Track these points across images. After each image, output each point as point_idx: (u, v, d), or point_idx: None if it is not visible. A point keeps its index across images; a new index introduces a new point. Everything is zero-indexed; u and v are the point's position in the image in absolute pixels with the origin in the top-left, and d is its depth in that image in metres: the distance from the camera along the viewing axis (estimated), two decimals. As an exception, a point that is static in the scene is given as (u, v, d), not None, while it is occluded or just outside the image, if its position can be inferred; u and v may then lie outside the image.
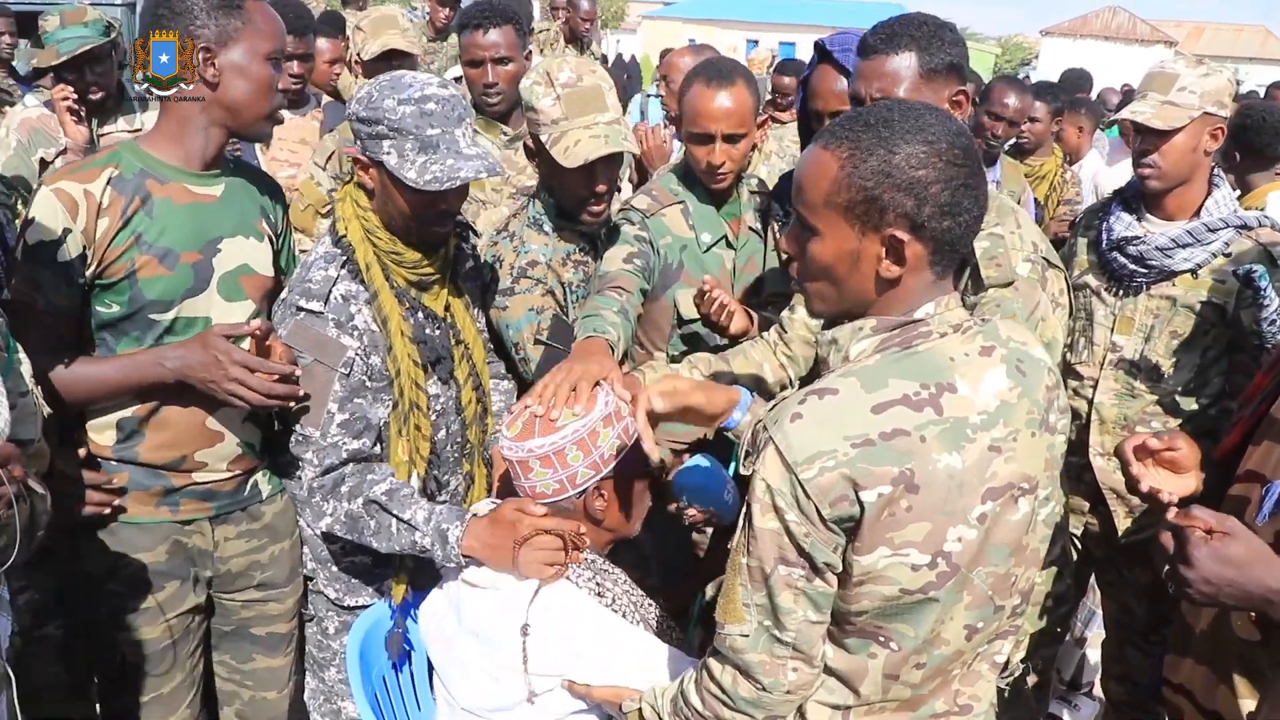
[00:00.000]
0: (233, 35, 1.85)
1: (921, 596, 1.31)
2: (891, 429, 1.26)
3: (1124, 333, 2.62)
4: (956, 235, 1.31)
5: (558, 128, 2.18)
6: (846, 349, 1.36)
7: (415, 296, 2.04)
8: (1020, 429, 1.35)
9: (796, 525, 1.27)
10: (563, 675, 1.69)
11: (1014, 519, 1.36)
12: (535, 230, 2.34)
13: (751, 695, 1.38)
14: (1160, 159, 2.50)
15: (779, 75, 5.38)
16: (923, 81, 1.88)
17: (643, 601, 1.86)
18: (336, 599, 2.14)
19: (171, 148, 1.93)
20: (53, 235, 1.82)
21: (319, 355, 1.90)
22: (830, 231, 1.34)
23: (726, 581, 1.37)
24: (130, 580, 2.00)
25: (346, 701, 2.18)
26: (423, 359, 2.02)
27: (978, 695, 1.48)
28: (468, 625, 1.79)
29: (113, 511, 1.96)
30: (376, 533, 1.88)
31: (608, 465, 1.80)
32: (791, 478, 1.26)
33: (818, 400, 1.29)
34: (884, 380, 1.29)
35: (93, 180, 1.86)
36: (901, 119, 1.30)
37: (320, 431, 1.91)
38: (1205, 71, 2.52)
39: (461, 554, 1.79)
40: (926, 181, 1.27)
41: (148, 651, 2.04)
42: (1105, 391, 2.65)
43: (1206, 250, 2.50)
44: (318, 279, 1.93)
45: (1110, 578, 2.85)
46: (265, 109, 1.93)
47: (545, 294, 2.26)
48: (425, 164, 1.84)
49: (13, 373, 1.69)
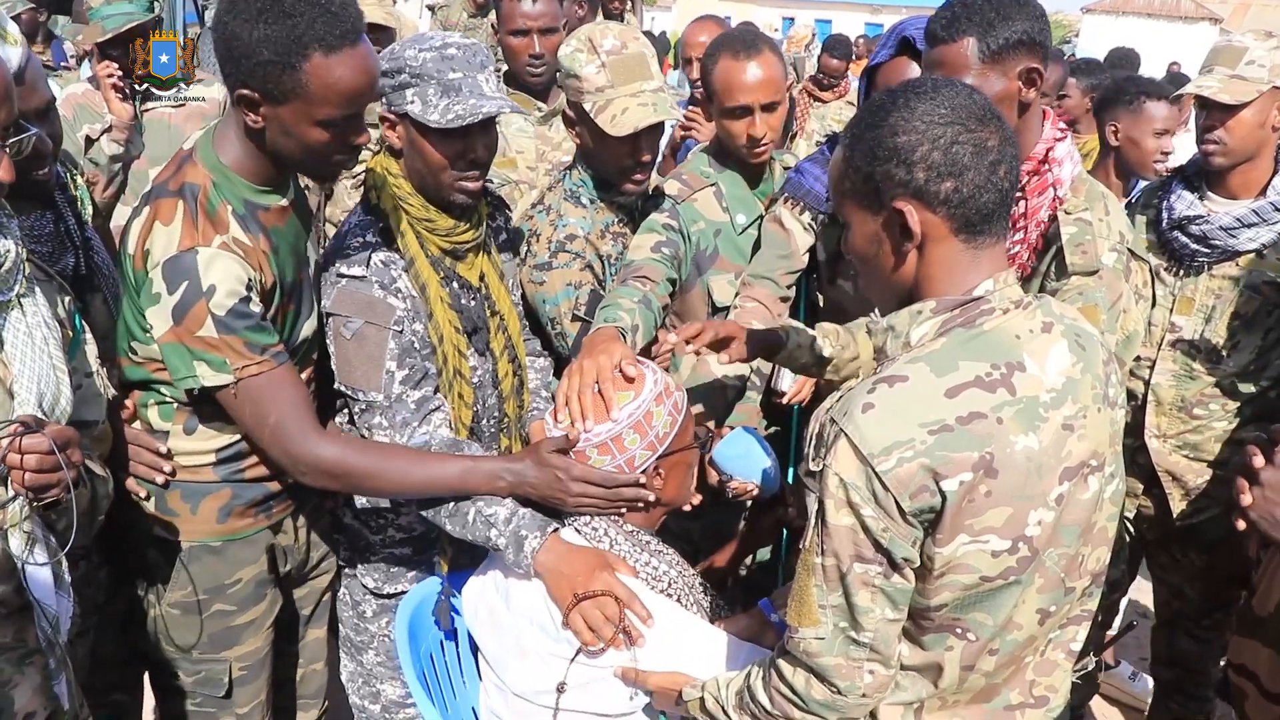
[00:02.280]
0: (279, 97, 1.66)
1: (1002, 583, 1.29)
2: (968, 413, 1.23)
3: (1184, 313, 2.57)
4: (966, 195, 1.27)
5: (603, 95, 2.15)
6: (907, 334, 1.33)
7: (450, 265, 2.00)
8: (1088, 405, 1.33)
9: (873, 520, 1.24)
10: (615, 664, 1.67)
11: (1084, 498, 1.33)
12: (573, 203, 2.30)
13: (826, 699, 1.35)
14: (1226, 135, 2.44)
15: (828, 57, 5.34)
16: (986, 66, 1.84)
17: (694, 583, 1.85)
18: (375, 587, 2.12)
19: (249, 171, 1.78)
20: (240, 293, 1.70)
21: (369, 317, 1.86)
22: (853, 220, 1.36)
23: (798, 583, 1.34)
24: (237, 598, 1.95)
25: (385, 684, 2.18)
26: (462, 326, 2.00)
27: (1054, 686, 1.44)
28: (520, 612, 1.78)
29: (166, 481, 1.86)
30: (453, 515, 1.84)
31: (664, 444, 1.78)
32: (868, 470, 1.23)
33: (888, 388, 1.25)
34: (954, 363, 1.26)
35: (229, 229, 1.72)
36: (895, 95, 1.31)
37: (383, 393, 1.86)
38: (1275, 44, 2.44)
39: (534, 567, 1.75)
40: (910, 146, 1.26)
41: (249, 664, 2.00)
42: (1163, 373, 2.60)
43: (1273, 230, 2.43)
44: (356, 245, 1.90)
45: (1164, 561, 2.81)
46: (316, 168, 1.81)
47: (584, 268, 2.23)
48: (448, 105, 1.82)
49: (79, 353, 1.69)
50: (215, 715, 1.99)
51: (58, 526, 1.51)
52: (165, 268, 1.68)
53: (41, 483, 1.42)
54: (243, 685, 1.98)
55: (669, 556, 1.84)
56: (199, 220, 1.70)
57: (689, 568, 1.88)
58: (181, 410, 1.84)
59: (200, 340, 1.69)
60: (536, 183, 2.94)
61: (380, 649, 2.17)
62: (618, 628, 1.66)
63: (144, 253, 1.71)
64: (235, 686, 1.97)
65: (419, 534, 2.09)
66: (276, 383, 1.74)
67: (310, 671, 2.24)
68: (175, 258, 1.68)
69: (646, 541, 1.82)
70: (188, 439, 1.86)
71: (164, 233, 1.70)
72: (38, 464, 1.40)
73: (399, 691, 2.16)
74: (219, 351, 1.69)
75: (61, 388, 1.58)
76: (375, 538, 2.11)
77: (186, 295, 1.67)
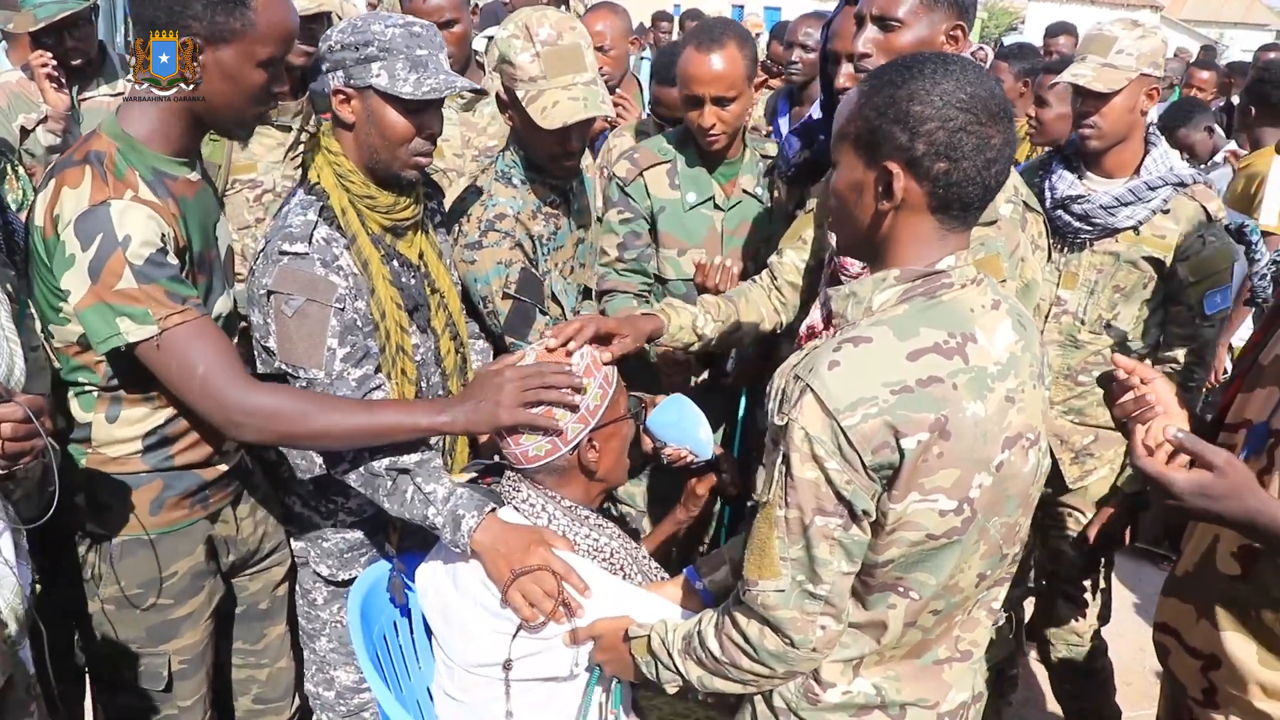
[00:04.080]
0: (227, 36, 1.69)
1: (945, 542, 1.35)
2: (927, 376, 1.29)
3: (1068, 287, 2.73)
4: (954, 180, 1.32)
5: (535, 85, 2.16)
6: (869, 300, 1.38)
7: (390, 243, 2.01)
8: (1025, 381, 1.40)
9: (837, 473, 1.29)
10: (558, 635, 1.71)
11: (1025, 470, 1.40)
12: (503, 184, 2.32)
13: (778, 649, 1.39)
14: (1101, 120, 2.60)
15: (776, 44, 5.28)
16: (922, 7, 1.91)
17: (638, 555, 1.90)
18: (329, 575, 2.12)
19: (159, 140, 1.78)
20: (156, 244, 1.68)
21: (311, 294, 1.84)
22: (844, 162, 1.40)
23: (757, 536, 1.37)
24: (173, 591, 1.92)
25: (339, 670, 2.17)
26: (404, 304, 2.01)
27: (977, 641, 1.53)
28: (465, 592, 1.80)
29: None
30: (390, 494, 1.85)
31: (595, 417, 1.81)
32: (834, 424, 1.27)
33: (853, 348, 1.30)
34: (915, 329, 1.32)
35: (138, 190, 1.71)
36: (926, 63, 1.34)
37: (324, 370, 1.85)
38: (1141, 34, 2.62)
39: (470, 546, 1.76)
40: (922, 118, 1.30)
41: (189, 657, 1.97)
42: (1048, 343, 2.75)
43: (1147, 207, 2.61)
44: (297, 224, 1.88)
45: (1047, 524, 2.93)
46: (246, 115, 1.82)
47: (513, 247, 2.25)
48: (420, 79, 1.86)
49: (24, 326, 1.65)
50: (156, 709, 1.96)
51: (13, 496, 1.50)
52: (77, 225, 1.65)
53: (16, 450, 1.40)
54: (183, 679, 1.97)
55: (609, 530, 1.88)
56: (108, 179, 1.68)
57: (630, 540, 1.92)
58: (102, 398, 1.81)
59: (120, 294, 1.65)
60: (464, 169, 2.96)
61: (333, 635, 2.16)
62: (556, 601, 1.69)
63: (53, 219, 1.67)
64: (175, 680, 1.96)
65: (369, 516, 2.10)
66: (201, 331, 1.71)
67: (276, 671, 2.21)
68: (86, 213, 1.65)
69: (586, 516, 1.86)
70: (111, 427, 1.83)
71: (72, 195, 1.67)
72: (12, 432, 1.38)
73: (353, 677, 2.17)
74: (140, 303, 1.66)
75: (15, 359, 1.56)
76: (326, 523, 2.10)
77: (102, 248, 1.64)
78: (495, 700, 1.76)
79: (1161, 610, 1.78)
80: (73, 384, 1.81)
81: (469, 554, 1.78)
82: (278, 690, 2.23)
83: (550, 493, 1.85)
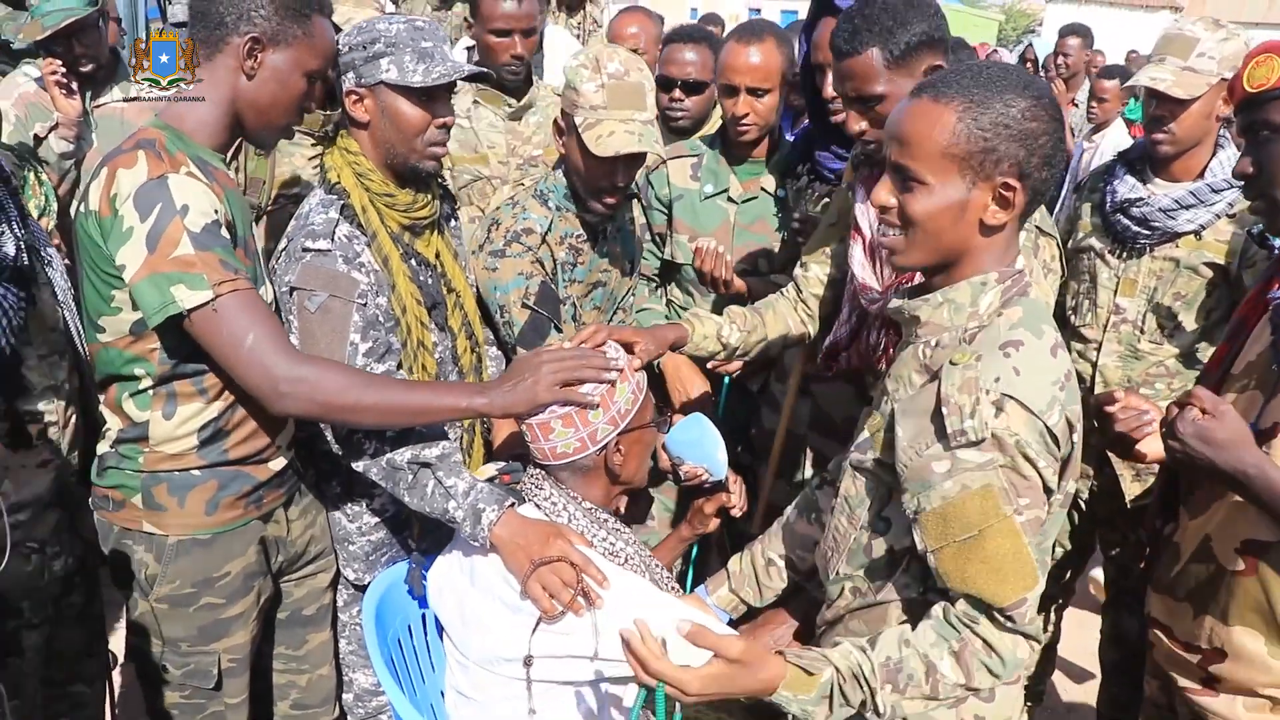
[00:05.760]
0: (288, 39, 1.82)
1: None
2: (1067, 371, 1.38)
3: (1127, 295, 2.63)
4: (1048, 186, 1.40)
5: (595, 114, 2.19)
6: (972, 305, 1.42)
7: (408, 241, 2.05)
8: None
9: (1048, 470, 1.35)
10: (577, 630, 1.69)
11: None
12: (539, 201, 2.35)
13: (1026, 655, 1.40)
14: (1177, 126, 2.49)
15: None
16: (894, 71, 1.89)
17: (651, 562, 1.89)
18: (356, 579, 2.15)
19: (203, 133, 1.84)
20: (212, 215, 1.73)
21: (334, 290, 1.89)
22: (941, 182, 1.39)
23: (995, 555, 1.34)
24: (226, 590, 1.94)
25: (357, 673, 2.20)
26: (422, 300, 2.04)
27: None
28: (484, 587, 1.81)
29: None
30: (411, 488, 1.87)
31: (625, 419, 1.83)
32: (1040, 425, 1.33)
33: (1017, 353, 1.35)
34: (1038, 326, 1.39)
35: (190, 166, 1.76)
36: (1004, 74, 1.40)
37: (347, 364, 1.87)
38: (1225, 35, 2.49)
39: (490, 540, 1.78)
40: (1037, 133, 1.36)
41: (238, 656, 1.99)
42: (1109, 354, 2.67)
43: (1210, 211, 2.50)
44: (319, 221, 1.93)
45: (1113, 539, 2.86)
46: (280, 121, 1.89)
47: (534, 261, 2.28)
48: (428, 68, 1.91)
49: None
50: (204, 706, 1.99)
51: None
52: (137, 196, 1.68)
53: None
54: (232, 677, 1.99)
55: (626, 535, 1.88)
56: (163, 157, 1.74)
57: (645, 547, 1.92)
58: (158, 394, 1.83)
59: (176, 261, 1.68)
60: (508, 177, 3.00)
61: (351, 637, 2.19)
62: (575, 591, 1.69)
63: (110, 197, 1.70)
64: (225, 678, 1.98)
65: (391, 515, 2.13)
66: (253, 302, 1.74)
67: (316, 678, 2.22)
68: (146, 184, 1.69)
69: (604, 520, 1.86)
70: (168, 423, 1.84)
71: (129, 174, 1.70)
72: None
73: (371, 680, 2.18)
74: (195, 268, 1.68)
75: None
76: (352, 525, 2.14)
77: (160, 218, 1.68)
78: (510, 699, 1.75)
79: (1151, 605, 1.86)
80: (128, 380, 1.83)
81: (488, 547, 1.79)
82: (317, 697, 2.24)
83: (572, 493, 1.86)
